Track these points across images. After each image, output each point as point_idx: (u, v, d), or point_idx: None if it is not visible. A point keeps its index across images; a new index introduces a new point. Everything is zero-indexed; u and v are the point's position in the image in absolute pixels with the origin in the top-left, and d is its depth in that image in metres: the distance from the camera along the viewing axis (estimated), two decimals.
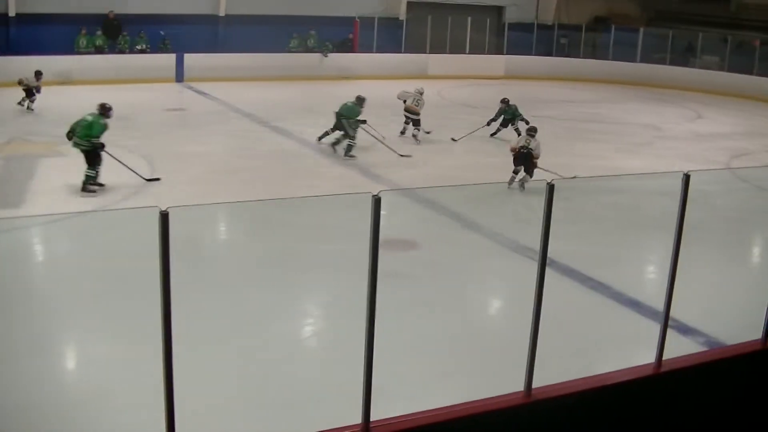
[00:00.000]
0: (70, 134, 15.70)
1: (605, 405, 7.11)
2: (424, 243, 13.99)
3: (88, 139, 15.56)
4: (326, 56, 33.83)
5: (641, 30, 39.28)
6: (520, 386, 6.64)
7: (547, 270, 6.56)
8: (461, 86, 33.74)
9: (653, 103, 33.03)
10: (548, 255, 6.52)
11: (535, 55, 38.63)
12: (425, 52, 35.77)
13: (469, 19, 36.58)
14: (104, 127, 15.71)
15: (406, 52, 35.84)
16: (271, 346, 9.75)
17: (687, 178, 6.90)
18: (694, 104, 32.67)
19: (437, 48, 36.13)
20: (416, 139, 22.03)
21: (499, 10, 39.30)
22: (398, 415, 6.21)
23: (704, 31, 38.56)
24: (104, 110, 15.96)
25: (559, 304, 9.97)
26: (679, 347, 8.32)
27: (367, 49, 35.03)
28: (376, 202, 5.59)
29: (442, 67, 35.13)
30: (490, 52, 38.04)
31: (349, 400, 6.06)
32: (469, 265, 13.25)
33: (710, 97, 33.97)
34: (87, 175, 15.64)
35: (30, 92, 23.91)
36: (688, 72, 37.49)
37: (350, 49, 35.34)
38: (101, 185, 15.83)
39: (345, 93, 22.02)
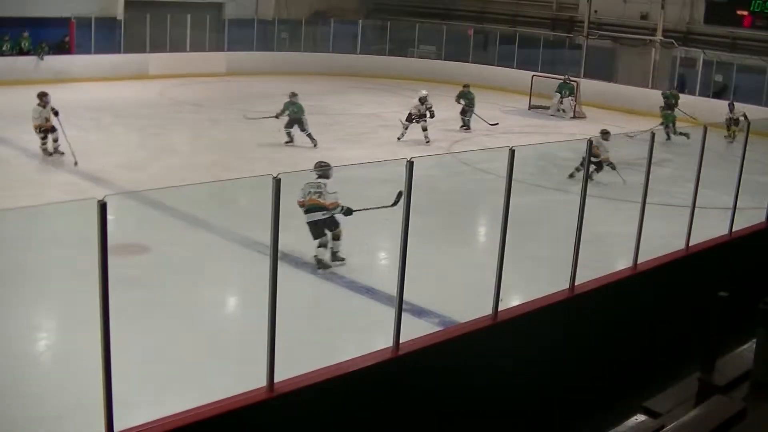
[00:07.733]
0: None
1: (347, 392, 7.23)
2: (155, 245, 13.76)
3: None
4: (42, 59, 32.42)
5: (360, 22, 40.24)
6: (263, 382, 6.66)
7: (280, 263, 6.59)
8: (183, 85, 33.27)
9: (374, 93, 33.88)
10: (280, 249, 6.55)
11: (256, 51, 38.57)
12: (145, 52, 34.98)
13: (189, 16, 36.04)
14: None
15: (125, 52, 34.86)
16: (3, 365, 9.31)
17: (411, 164, 7.11)
18: (413, 93, 33.68)
19: (157, 47, 35.40)
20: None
21: (219, 7, 38.93)
22: (143, 422, 6.08)
23: (421, 22, 40.00)
24: None
25: (295, 297, 10.12)
26: (415, 329, 8.57)
27: (85, 51, 33.82)
28: (102, 207, 5.44)
29: (163, 67, 34.42)
30: (211, 50, 37.60)
31: (91, 413, 5.88)
32: (202, 264, 13.15)
33: (429, 86, 35.14)
34: None
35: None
36: (407, 62, 38.79)
37: (67, 50, 34.07)
38: None
39: (63, 96, 21.35)
